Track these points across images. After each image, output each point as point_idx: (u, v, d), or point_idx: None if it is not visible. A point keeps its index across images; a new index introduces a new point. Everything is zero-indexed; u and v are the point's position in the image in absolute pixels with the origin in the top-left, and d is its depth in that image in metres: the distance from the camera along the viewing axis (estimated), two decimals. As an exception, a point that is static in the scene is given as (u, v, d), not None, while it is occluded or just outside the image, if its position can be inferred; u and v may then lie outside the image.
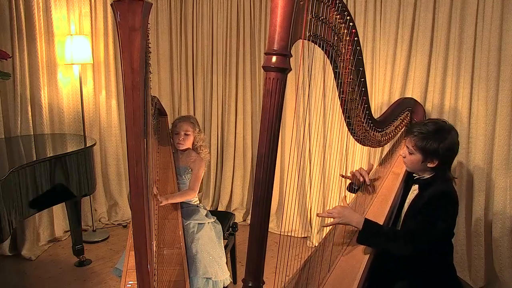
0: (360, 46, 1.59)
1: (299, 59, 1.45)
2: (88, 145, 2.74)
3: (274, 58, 1.12)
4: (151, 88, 1.96)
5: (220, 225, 2.34)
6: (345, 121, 1.78)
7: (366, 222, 1.64)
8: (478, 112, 2.52)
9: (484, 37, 2.44)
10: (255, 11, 3.52)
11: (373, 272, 1.64)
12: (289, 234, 3.23)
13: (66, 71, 3.29)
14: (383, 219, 1.79)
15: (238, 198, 3.84)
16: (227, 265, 2.19)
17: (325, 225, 1.62)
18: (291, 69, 1.15)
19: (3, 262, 2.95)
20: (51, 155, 2.47)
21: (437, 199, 1.64)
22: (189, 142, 2.43)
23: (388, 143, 2.35)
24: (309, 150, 3.32)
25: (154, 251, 1.78)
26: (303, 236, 3.41)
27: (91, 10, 3.36)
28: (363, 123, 1.85)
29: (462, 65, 2.55)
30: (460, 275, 2.48)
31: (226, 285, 2.11)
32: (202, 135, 2.50)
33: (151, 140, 2.13)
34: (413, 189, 1.82)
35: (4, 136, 2.92)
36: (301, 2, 1.15)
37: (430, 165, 1.71)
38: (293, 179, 3.34)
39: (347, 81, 1.63)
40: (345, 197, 1.93)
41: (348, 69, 1.60)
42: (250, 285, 1.24)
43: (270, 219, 3.55)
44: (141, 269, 1.31)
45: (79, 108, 3.31)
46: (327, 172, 3.25)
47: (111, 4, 1.16)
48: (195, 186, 2.32)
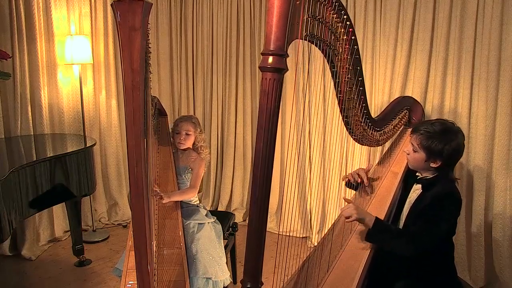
0: (358, 45, 1.59)
1: (298, 59, 1.45)
2: (88, 145, 2.74)
3: (271, 59, 1.12)
4: (151, 88, 1.96)
5: (220, 225, 2.34)
6: (343, 121, 1.77)
7: (376, 219, 1.68)
8: (478, 112, 2.52)
9: (484, 37, 2.44)
10: (255, 11, 3.52)
11: (374, 271, 1.65)
12: (289, 234, 3.23)
13: (66, 71, 3.29)
14: (382, 219, 1.78)
15: (238, 198, 3.84)
16: (227, 265, 2.19)
17: (346, 219, 1.69)
18: (288, 69, 1.14)
19: (3, 262, 2.95)
20: (51, 155, 2.46)
21: (441, 200, 1.64)
22: (190, 142, 2.44)
23: (387, 142, 2.35)
24: (309, 150, 3.32)
25: (154, 251, 1.78)
26: (303, 236, 3.41)
27: (91, 10, 3.36)
28: (361, 122, 1.85)
29: (462, 65, 2.55)
30: (460, 275, 2.48)
31: (226, 285, 2.12)
32: (203, 136, 2.51)
33: (151, 140, 2.13)
34: (415, 189, 1.82)
35: (4, 136, 2.92)
36: (297, 2, 1.14)
37: (433, 165, 1.70)
38: (293, 179, 3.34)
39: (345, 81, 1.62)
40: (354, 196, 1.95)
41: (346, 68, 1.59)
42: (249, 286, 1.23)
43: (270, 219, 3.55)
44: (141, 269, 1.31)
45: (79, 108, 3.31)
46: (327, 172, 3.25)
47: (111, 4, 1.16)
48: (196, 184, 2.34)
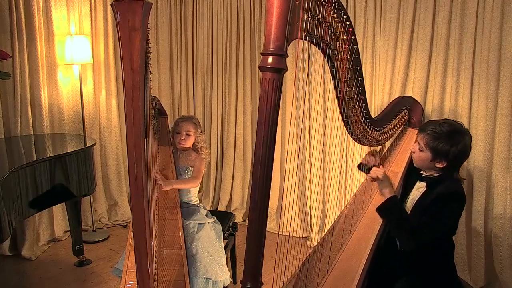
0: (357, 45, 1.59)
1: (298, 59, 1.44)
2: (88, 145, 2.74)
3: (270, 59, 1.12)
4: (151, 88, 1.96)
5: (220, 225, 2.34)
6: (343, 121, 1.78)
7: (395, 197, 1.75)
8: (478, 112, 2.52)
9: (484, 37, 2.44)
10: (255, 11, 3.52)
11: (374, 271, 1.65)
12: (289, 234, 3.23)
13: (66, 71, 3.29)
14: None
15: (238, 198, 3.84)
16: (227, 265, 2.19)
17: (369, 174, 1.85)
18: (287, 69, 1.14)
19: (3, 262, 2.95)
20: (51, 155, 2.46)
21: (447, 198, 1.65)
22: (190, 142, 2.43)
23: (387, 142, 2.35)
24: (309, 150, 3.32)
25: (154, 251, 1.78)
26: (303, 236, 3.41)
27: (91, 10, 3.36)
28: (361, 122, 1.85)
29: (462, 65, 2.55)
30: (460, 275, 2.48)
31: (226, 285, 2.12)
32: (203, 137, 2.50)
33: (151, 140, 2.13)
34: (419, 186, 1.82)
35: (4, 136, 2.92)
36: (297, 2, 1.13)
37: (438, 166, 1.71)
38: (293, 179, 3.34)
39: (344, 80, 1.63)
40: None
41: (345, 68, 1.59)
42: (249, 286, 1.23)
43: (270, 219, 3.55)
44: (141, 269, 1.31)
45: (79, 108, 3.31)
46: (327, 172, 3.25)
47: (111, 4, 1.15)
48: (198, 176, 2.35)
